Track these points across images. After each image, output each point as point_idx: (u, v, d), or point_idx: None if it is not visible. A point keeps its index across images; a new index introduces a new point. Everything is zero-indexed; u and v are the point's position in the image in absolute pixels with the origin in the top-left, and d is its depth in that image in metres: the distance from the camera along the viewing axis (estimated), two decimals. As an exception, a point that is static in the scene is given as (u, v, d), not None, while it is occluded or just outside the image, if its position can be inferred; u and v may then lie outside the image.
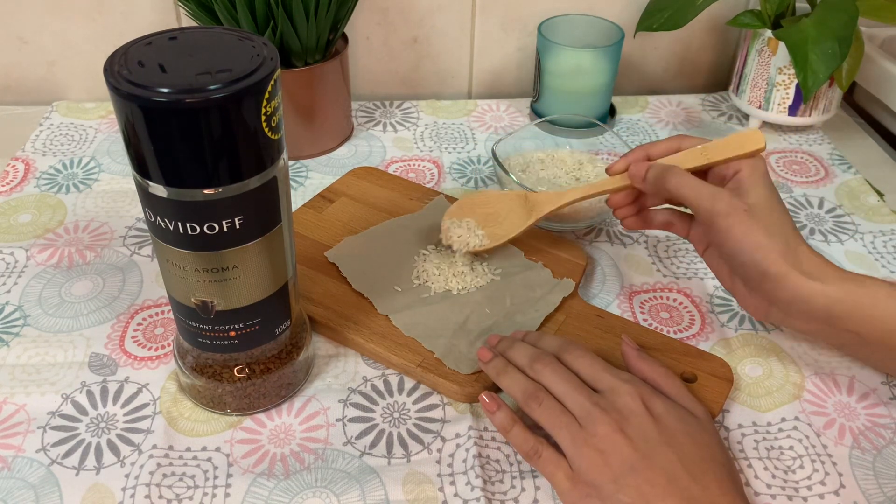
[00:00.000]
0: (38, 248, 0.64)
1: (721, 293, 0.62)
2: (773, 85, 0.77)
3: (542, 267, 0.61)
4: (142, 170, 0.40)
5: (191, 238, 0.42)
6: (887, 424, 0.52)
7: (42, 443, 0.49)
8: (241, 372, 0.50)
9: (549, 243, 0.63)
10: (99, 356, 0.55)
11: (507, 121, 0.84)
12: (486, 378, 0.52)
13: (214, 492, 0.47)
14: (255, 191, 0.41)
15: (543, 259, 0.61)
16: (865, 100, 0.88)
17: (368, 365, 0.55)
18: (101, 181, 0.73)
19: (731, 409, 0.53)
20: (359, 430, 0.51)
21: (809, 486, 0.48)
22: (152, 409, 0.52)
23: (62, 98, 0.86)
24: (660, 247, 0.67)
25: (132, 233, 0.66)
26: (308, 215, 0.66)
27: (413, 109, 0.86)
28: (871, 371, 0.55)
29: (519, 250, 0.62)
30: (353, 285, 0.58)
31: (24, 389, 0.52)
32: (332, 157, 0.78)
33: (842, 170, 0.77)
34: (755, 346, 0.57)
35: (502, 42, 0.87)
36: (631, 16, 0.84)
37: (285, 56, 0.71)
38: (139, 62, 0.38)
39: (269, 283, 0.46)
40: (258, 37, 0.41)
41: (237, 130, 0.38)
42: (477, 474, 0.48)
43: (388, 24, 0.85)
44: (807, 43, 0.69)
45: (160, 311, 0.59)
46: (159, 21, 0.82)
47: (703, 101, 0.88)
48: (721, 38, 0.90)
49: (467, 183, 0.74)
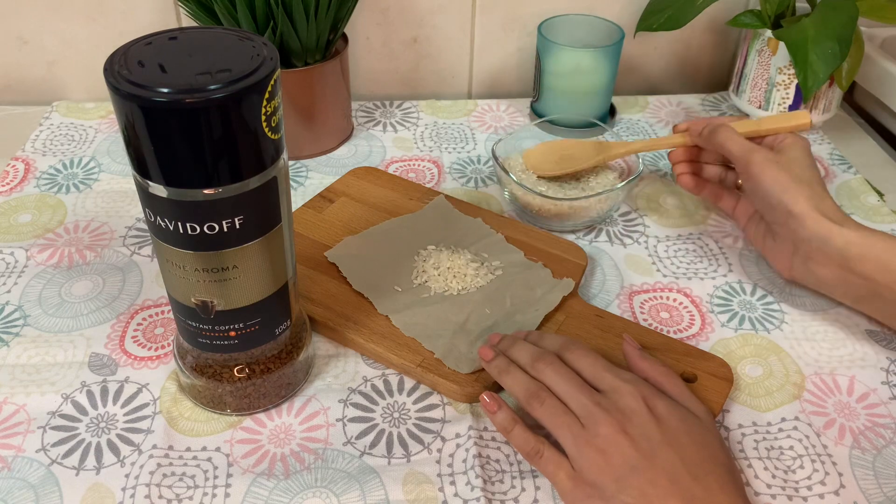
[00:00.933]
0: (38, 248, 0.64)
1: (721, 293, 0.62)
2: (773, 85, 0.77)
3: (542, 266, 0.61)
4: (142, 170, 0.40)
5: (191, 238, 0.42)
6: (887, 424, 0.52)
7: (42, 443, 0.49)
8: (241, 372, 0.50)
9: (549, 243, 0.63)
10: (99, 356, 0.55)
11: (507, 121, 0.84)
12: (486, 378, 0.52)
13: (214, 492, 0.47)
14: (255, 191, 0.41)
15: (543, 259, 0.61)
16: (865, 100, 0.88)
17: (368, 365, 0.55)
18: (101, 181, 0.73)
19: (731, 409, 0.53)
20: (359, 430, 0.51)
21: (809, 486, 0.48)
22: (152, 409, 0.52)
23: (62, 98, 0.86)
24: (660, 247, 0.67)
25: (132, 233, 0.66)
26: (308, 215, 0.66)
27: (413, 109, 0.86)
28: (872, 371, 0.55)
29: (518, 250, 0.62)
30: (353, 285, 0.58)
31: (24, 389, 0.52)
32: (332, 157, 0.78)
33: (842, 170, 0.77)
34: (755, 346, 0.57)
35: (502, 42, 0.87)
36: (631, 16, 0.84)
37: (285, 56, 0.71)
38: (139, 62, 0.38)
39: (269, 283, 0.46)
40: (258, 37, 0.41)
41: (237, 130, 0.38)
42: (477, 474, 0.48)
43: (388, 24, 0.85)
44: (807, 43, 0.69)
45: (160, 311, 0.59)
46: (159, 21, 0.82)
47: (703, 101, 0.88)
48: (721, 38, 0.90)
49: (467, 183, 0.74)
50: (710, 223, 0.69)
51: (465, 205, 0.67)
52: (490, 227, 0.64)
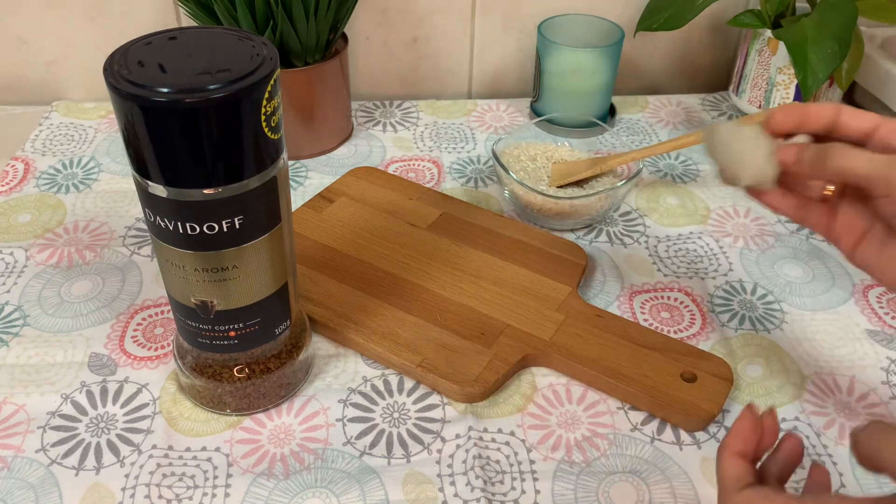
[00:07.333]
0: (37, 248, 0.64)
1: (721, 293, 0.62)
2: (773, 85, 0.77)
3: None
4: (141, 170, 0.40)
5: (191, 238, 0.42)
6: (887, 424, 0.52)
7: (42, 443, 0.49)
8: (240, 372, 0.50)
9: (548, 243, 0.63)
10: (98, 356, 0.55)
11: (507, 121, 0.84)
12: (486, 378, 0.52)
13: (214, 492, 0.47)
14: (255, 191, 0.41)
15: (543, 259, 0.61)
16: (865, 100, 0.88)
17: (368, 365, 0.55)
18: (100, 181, 0.73)
19: (731, 409, 0.52)
20: (359, 430, 0.51)
21: (810, 487, 0.48)
22: (152, 409, 0.52)
23: (62, 98, 0.86)
24: (660, 247, 0.67)
25: (132, 233, 0.66)
26: (308, 215, 0.66)
27: (413, 109, 0.86)
28: (872, 371, 0.55)
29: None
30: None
31: (23, 389, 0.52)
32: (331, 157, 0.78)
33: (842, 170, 0.77)
34: (755, 346, 0.57)
35: (502, 42, 0.87)
36: (631, 16, 0.84)
37: (285, 56, 0.71)
38: (139, 62, 0.38)
39: (269, 283, 0.46)
40: (258, 37, 0.41)
41: (237, 130, 0.38)
42: (477, 475, 0.48)
43: (388, 24, 0.84)
44: (806, 43, 0.69)
45: (160, 311, 0.59)
46: (159, 21, 0.82)
47: (703, 101, 0.88)
48: (721, 38, 0.90)
49: (467, 183, 0.74)
50: (710, 223, 0.69)
51: (465, 205, 0.67)
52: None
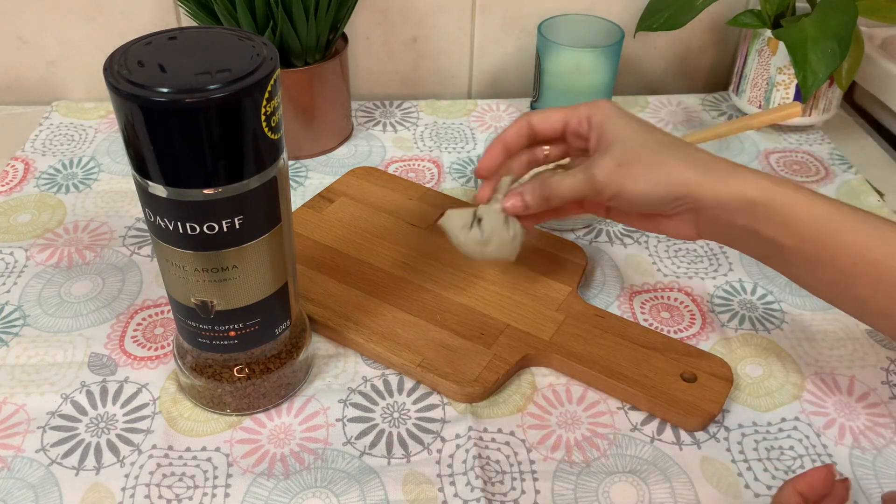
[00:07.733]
0: (37, 248, 0.64)
1: (722, 293, 0.62)
2: (773, 85, 0.77)
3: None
4: (142, 170, 0.40)
5: (191, 238, 0.42)
6: (887, 424, 0.52)
7: (42, 443, 0.49)
8: (240, 372, 0.50)
9: (548, 243, 0.63)
10: (98, 356, 0.55)
11: (507, 121, 0.84)
12: (486, 378, 0.52)
13: (214, 492, 0.47)
14: (255, 191, 0.41)
15: (543, 259, 0.61)
16: (865, 100, 0.88)
17: (368, 365, 0.55)
18: (100, 181, 0.73)
19: (731, 409, 0.52)
20: (359, 430, 0.51)
21: (809, 487, 0.48)
22: (152, 409, 0.52)
23: (62, 98, 0.86)
24: (660, 247, 0.67)
25: (132, 233, 0.66)
26: (308, 215, 0.66)
27: (413, 109, 0.86)
28: (872, 371, 0.55)
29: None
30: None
31: (23, 389, 0.52)
32: (331, 157, 0.78)
33: (842, 170, 0.77)
34: (755, 346, 0.57)
35: (502, 42, 0.87)
36: (631, 16, 0.84)
37: (285, 56, 0.71)
38: (139, 62, 0.38)
39: (269, 283, 0.46)
40: (258, 37, 0.41)
41: (237, 130, 0.38)
42: (477, 475, 0.48)
43: (387, 24, 0.84)
44: (806, 43, 0.69)
45: (160, 311, 0.59)
46: (159, 21, 0.82)
47: (703, 101, 0.88)
48: (721, 38, 0.90)
49: (467, 183, 0.74)
50: (710, 223, 0.69)
51: (466, 205, 0.67)
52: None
